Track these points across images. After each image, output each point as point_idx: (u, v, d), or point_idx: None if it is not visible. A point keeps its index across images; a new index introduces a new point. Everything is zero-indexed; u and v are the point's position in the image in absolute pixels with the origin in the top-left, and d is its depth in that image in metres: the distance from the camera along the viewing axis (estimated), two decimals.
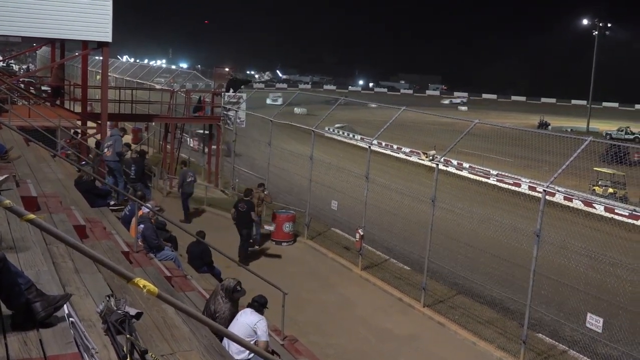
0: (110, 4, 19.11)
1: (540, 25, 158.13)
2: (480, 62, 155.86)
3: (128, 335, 4.38)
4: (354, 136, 34.08)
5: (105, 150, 17.18)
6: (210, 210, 21.88)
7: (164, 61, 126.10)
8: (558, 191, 14.74)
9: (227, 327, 8.37)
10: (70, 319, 4.22)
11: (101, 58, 21.86)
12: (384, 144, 23.29)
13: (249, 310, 8.54)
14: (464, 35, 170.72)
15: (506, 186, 20.01)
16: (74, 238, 5.84)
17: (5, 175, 7.70)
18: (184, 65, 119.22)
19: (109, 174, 17.21)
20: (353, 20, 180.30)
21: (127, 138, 35.23)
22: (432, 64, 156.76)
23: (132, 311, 4.69)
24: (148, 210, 12.53)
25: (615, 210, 19.12)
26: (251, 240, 18.02)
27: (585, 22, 77.66)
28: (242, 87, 26.75)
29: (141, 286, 3.49)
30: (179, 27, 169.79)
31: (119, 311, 4.54)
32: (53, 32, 19.57)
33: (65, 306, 4.27)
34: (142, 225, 12.15)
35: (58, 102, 23.38)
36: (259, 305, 8.60)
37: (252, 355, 7.86)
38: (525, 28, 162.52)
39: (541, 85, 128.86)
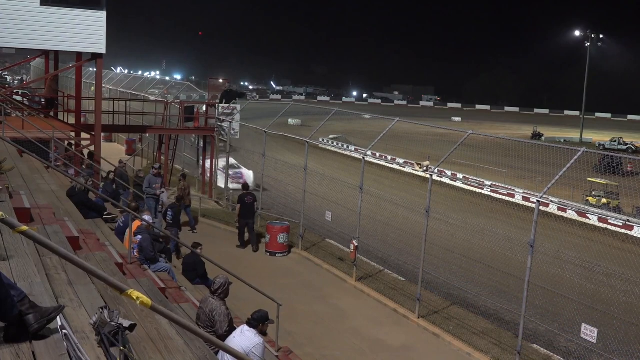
0: (104, 15, 19.16)
1: (533, 37, 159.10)
2: (473, 74, 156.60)
3: (121, 348, 4.36)
4: (348, 147, 34.10)
5: (154, 185, 18.20)
6: (204, 222, 21.83)
7: (158, 72, 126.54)
8: (552, 202, 14.78)
9: (227, 324, 8.44)
10: (64, 331, 4.20)
11: (95, 69, 21.86)
12: (378, 154, 23.31)
13: (246, 329, 8.09)
14: (457, 47, 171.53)
15: (500, 197, 20.05)
16: (67, 250, 5.82)
17: None
18: (177, 76, 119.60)
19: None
20: (346, 33, 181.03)
21: (121, 149, 35.29)
22: (425, 76, 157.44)
23: (126, 323, 4.67)
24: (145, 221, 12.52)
25: (609, 221, 19.15)
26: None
27: (577, 33, 78.24)
28: (236, 99, 26.78)
29: (135, 298, 3.48)
30: (173, 39, 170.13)
31: (113, 323, 4.52)
32: (47, 43, 19.61)
33: (58, 318, 4.25)
34: (139, 237, 12.13)
35: (52, 113, 23.35)
36: (255, 322, 8.17)
37: None
38: (518, 40, 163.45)
39: (534, 96, 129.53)
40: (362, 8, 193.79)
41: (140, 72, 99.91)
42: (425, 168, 16.15)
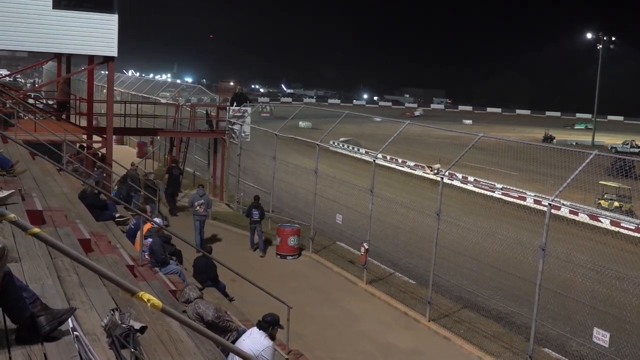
0: (115, 19, 19.25)
1: (544, 39, 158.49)
2: (484, 76, 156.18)
3: (132, 350, 4.38)
4: (358, 150, 34.06)
5: (198, 208, 19.05)
6: (215, 224, 21.85)
7: (169, 75, 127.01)
8: (563, 205, 14.70)
9: (212, 309, 8.78)
10: (75, 332, 4.21)
11: (107, 72, 21.97)
12: (388, 157, 23.26)
13: (256, 332, 8.16)
14: (468, 50, 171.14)
15: (511, 200, 19.95)
16: (78, 252, 5.85)
17: (12, 191, 7.73)
18: (189, 79, 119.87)
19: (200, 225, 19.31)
20: (357, 35, 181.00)
21: (132, 152, 35.42)
22: (436, 78, 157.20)
23: (137, 325, 4.69)
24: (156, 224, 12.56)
25: (621, 224, 19.00)
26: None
27: (589, 36, 77.84)
28: (248, 101, 26.81)
29: (145, 300, 3.49)
30: (184, 42, 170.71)
31: (124, 325, 4.53)
32: (59, 47, 19.73)
33: (69, 320, 4.27)
34: (150, 239, 12.16)
35: (64, 116, 23.47)
36: (266, 324, 8.18)
37: None
38: (529, 42, 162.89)
39: (545, 99, 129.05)
40: (371, 11, 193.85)
41: (151, 75, 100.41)
42: (436, 171, 16.10)
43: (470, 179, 21.39)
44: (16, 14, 18.21)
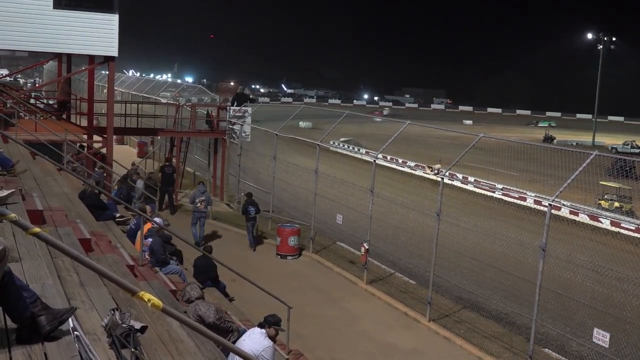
0: (116, 19, 19.26)
1: (545, 39, 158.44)
2: (484, 77, 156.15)
3: (133, 349, 4.38)
4: (359, 150, 34.08)
5: (199, 204, 19.50)
6: (215, 224, 21.85)
7: (169, 75, 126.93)
8: (564, 205, 14.69)
9: (214, 311, 8.84)
10: (75, 332, 4.21)
11: (107, 72, 21.98)
12: (389, 157, 23.29)
13: (257, 332, 8.19)
14: (468, 50, 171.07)
15: (512, 200, 19.97)
16: (79, 251, 5.84)
17: (12, 190, 7.73)
18: (189, 79, 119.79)
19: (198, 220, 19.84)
20: (357, 35, 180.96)
21: (132, 152, 35.42)
22: (436, 79, 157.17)
23: (137, 325, 4.68)
24: (156, 224, 12.56)
25: (622, 225, 19.00)
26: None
27: (590, 36, 77.82)
28: (248, 102, 26.79)
29: (146, 300, 3.49)
30: (185, 42, 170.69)
31: (124, 325, 4.53)
32: (60, 46, 19.73)
33: (70, 320, 4.26)
34: (150, 239, 12.16)
35: (64, 116, 23.47)
36: (268, 323, 8.24)
37: None
38: (529, 42, 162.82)
39: (546, 99, 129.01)
40: (371, 11, 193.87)
41: (151, 75, 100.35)
42: (436, 171, 16.11)
43: (471, 179, 21.40)
44: (17, 14, 18.21)
